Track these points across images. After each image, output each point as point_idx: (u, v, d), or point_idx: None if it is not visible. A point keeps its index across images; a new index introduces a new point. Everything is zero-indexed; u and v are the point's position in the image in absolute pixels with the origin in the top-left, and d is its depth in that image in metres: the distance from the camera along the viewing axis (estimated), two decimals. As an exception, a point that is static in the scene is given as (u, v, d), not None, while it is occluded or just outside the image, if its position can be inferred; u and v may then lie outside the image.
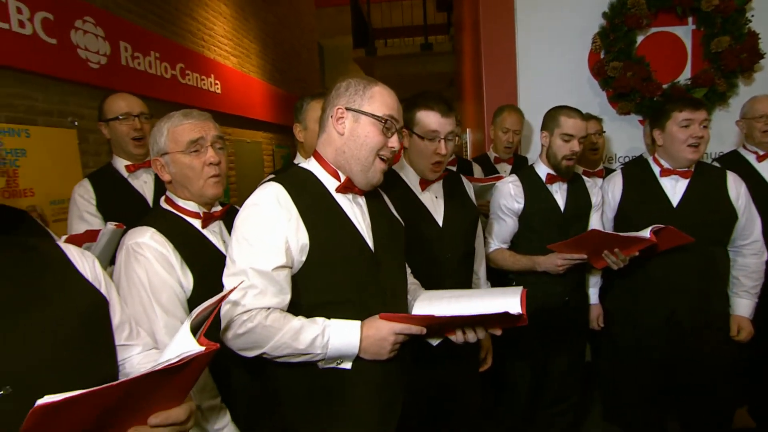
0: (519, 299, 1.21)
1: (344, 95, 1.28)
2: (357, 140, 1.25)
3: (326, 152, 1.31)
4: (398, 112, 1.31)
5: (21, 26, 2.59)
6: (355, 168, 1.27)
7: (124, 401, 0.77)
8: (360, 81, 1.29)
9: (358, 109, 1.25)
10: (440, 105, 1.63)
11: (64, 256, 1.09)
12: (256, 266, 1.15)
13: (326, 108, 1.31)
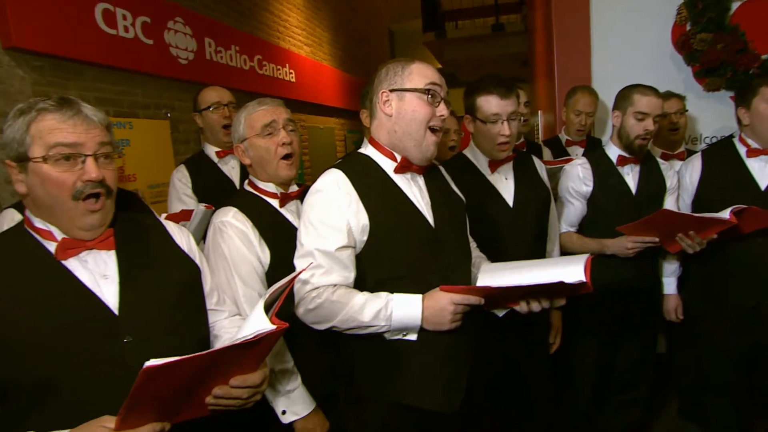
0: (583, 267, 1.22)
1: (385, 79, 1.34)
2: (405, 117, 1.31)
3: (380, 136, 1.38)
4: (440, 79, 1.35)
5: (125, 31, 2.90)
6: (409, 144, 1.33)
7: (210, 366, 0.91)
8: (397, 63, 1.35)
9: (401, 88, 1.31)
10: (498, 87, 1.65)
11: (166, 230, 1.27)
12: (321, 247, 1.25)
13: (372, 96, 1.39)
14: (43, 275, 1.02)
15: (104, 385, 1.00)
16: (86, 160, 1.02)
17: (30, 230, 1.07)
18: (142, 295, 1.09)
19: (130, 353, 1.03)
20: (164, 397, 0.89)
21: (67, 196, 1.01)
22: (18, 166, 1.02)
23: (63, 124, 1.01)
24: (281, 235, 1.50)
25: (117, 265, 1.10)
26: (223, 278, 1.42)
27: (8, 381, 0.96)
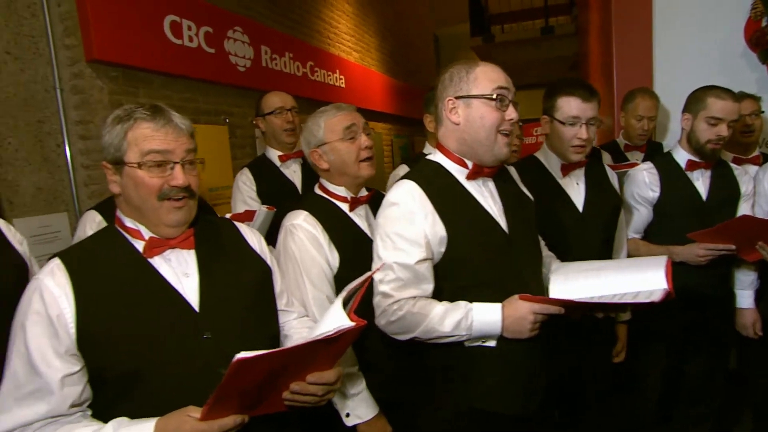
0: (663, 273, 1.18)
1: (450, 86, 1.32)
2: (474, 124, 1.30)
3: (448, 143, 1.37)
4: (507, 80, 1.32)
5: (190, 41, 3.04)
6: (480, 150, 1.32)
7: (291, 362, 0.94)
8: (461, 67, 1.33)
9: (467, 95, 1.29)
10: (581, 90, 1.63)
11: (239, 231, 1.32)
12: (400, 261, 1.26)
13: (438, 102, 1.37)
14: (133, 272, 1.08)
15: (186, 378, 1.04)
16: (174, 167, 1.08)
17: (120, 229, 1.14)
18: (220, 294, 1.14)
19: (209, 349, 1.08)
20: (248, 390, 0.92)
21: (154, 198, 1.07)
22: (113, 168, 1.10)
23: (156, 133, 1.07)
24: (350, 239, 1.53)
25: (197, 264, 1.15)
26: (292, 280, 1.46)
27: (101, 373, 1.02)
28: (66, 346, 0.99)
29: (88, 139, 2.55)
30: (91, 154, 2.56)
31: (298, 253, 1.46)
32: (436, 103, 1.38)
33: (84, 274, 1.04)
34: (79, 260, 1.06)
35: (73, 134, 2.54)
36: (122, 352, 1.01)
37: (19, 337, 0.99)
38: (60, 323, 0.99)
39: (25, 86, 2.32)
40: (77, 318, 1.00)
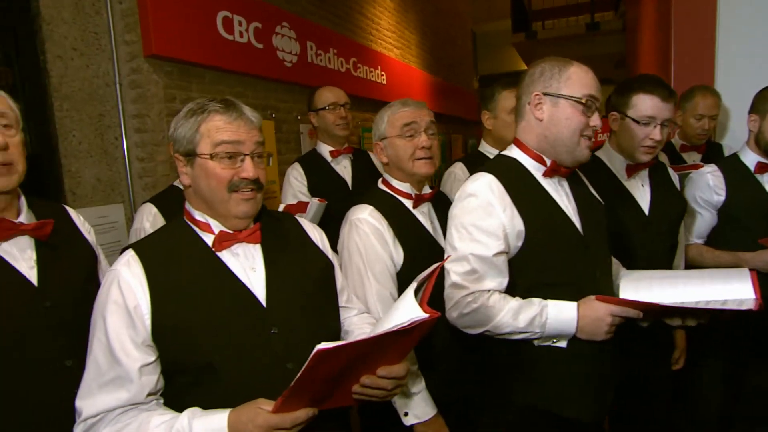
0: (750, 284, 1.12)
1: (539, 80, 1.29)
2: (558, 124, 1.27)
3: (528, 139, 1.35)
4: (597, 89, 1.29)
5: (240, 36, 3.09)
6: (560, 150, 1.30)
7: (365, 353, 0.92)
8: (554, 64, 1.30)
9: (556, 93, 1.27)
10: (660, 89, 1.56)
11: (301, 226, 1.32)
12: (477, 252, 1.25)
13: (522, 95, 1.35)
14: (203, 266, 1.09)
15: (254, 371, 1.05)
16: (245, 159, 1.10)
17: (189, 222, 1.16)
18: (286, 289, 1.14)
19: (276, 344, 1.08)
20: (322, 383, 0.92)
21: (224, 189, 1.08)
22: (185, 160, 1.12)
23: (228, 125, 1.08)
24: (415, 236, 1.51)
25: (263, 259, 1.16)
26: (355, 274, 1.46)
27: (173, 364, 1.04)
28: (142, 337, 1.01)
29: (144, 132, 2.62)
30: (146, 147, 2.64)
31: (362, 247, 1.45)
32: (519, 95, 1.35)
33: (157, 266, 1.06)
34: (152, 253, 1.08)
35: (130, 127, 2.62)
36: (194, 345, 1.02)
37: (99, 327, 1.02)
38: (137, 314, 1.01)
39: (88, 81, 2.41)
40: (152, 310, 1.02)
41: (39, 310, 1.18)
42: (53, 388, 1.16)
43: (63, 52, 2.29)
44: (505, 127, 2.12)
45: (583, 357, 1.26)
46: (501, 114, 2.11)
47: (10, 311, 1.13)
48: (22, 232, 1.21)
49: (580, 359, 1.27)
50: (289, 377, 1.07)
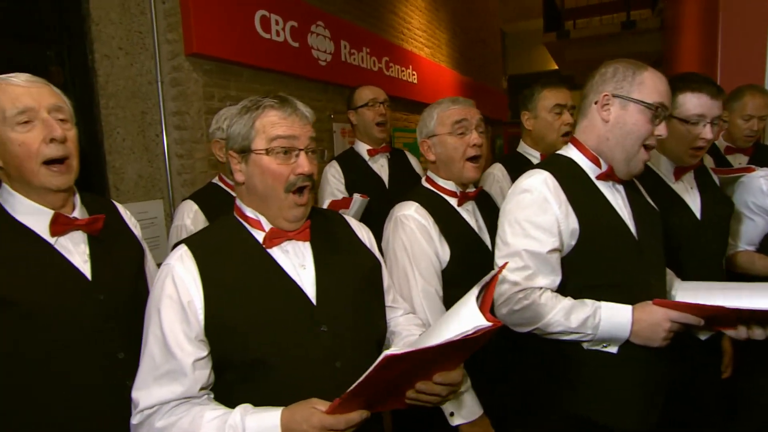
0: None
1: (611, 81, 1.27)
2: (623, 128, 1.25)
3: (587, 139, 1.32)
4: (669, 98, 1.26)
5: (277, 35, 3.12)
6: (618, 156, 1.27)
7: (426, 359, 0.91)
8: (628, 66, 1.27)
9: (627, 96, 1.24)
10: (709, 86, 1.50)
11: (349, 225, 1.32)
12: (530, 248, 1.23)
13: (588, 94, 1.32)
14: (254, 262, 1.10)
15: (303, 369, 1.05)
16: (299, 155, 1.10)
17: (240, 219, 1.16)
18: (335, 287, 1.14)
19: (325, 341, 1.07)
20: (381, 386, 0.91)
21: (280, 187, 1.08)
22: (239, 156, 1.12)
23: (284, 120, 1.09)
24: (460, 233, 1.50)
25: (313, 256, 1.16)
26: (401, 272, 1.45)
27: (225, 360, 1.04)
28: (195, 332, 1.02)
29: (183, 129, 2.67)
30: (185, 144, 2.68)
31: (408, 243, 1.44)
32: (586, 93, 1.32)
33: (209, 262, 1.07)
34: (204, 248, 1.09)
35: (170, 125, 2.67)
36: (246, 341, 1.02)
37: (154, 320, 1.04)
38: (190, 309, 1.02)
39: (132, 79, 2.46)
40: (205, 305, 1.02)
41: (93, 304, 1.20)
42: (107, 380, 1.19)
43: (110, 51, 2.35)
44: (545, 126, 2.09)
45: (635, 363, 1.23)
46: (541, 113, 2.09)
47: (66, 304, 1.16)
48: (76, 227, 1.24)
49: (632, 366, 1.23)
50: (338, 376, 1.08)
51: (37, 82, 1.19)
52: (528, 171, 1.33)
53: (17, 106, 1.12)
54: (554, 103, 2.06)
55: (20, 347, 1.12)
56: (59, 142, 1.17)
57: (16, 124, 1.13)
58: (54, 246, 1.20)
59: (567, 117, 2.09)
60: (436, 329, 0.96)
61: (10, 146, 1.13)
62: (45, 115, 1.16)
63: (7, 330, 1.11)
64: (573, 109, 2.14)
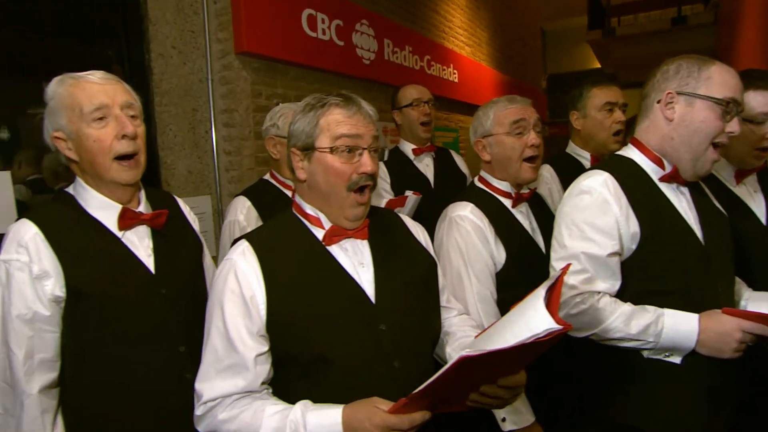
0: None
1: (674, 78, 1.21)
2: (689, 126, 1.19)
3: (649, 139, 1.27)
4: (740, 92, 1.19)
5: (323, 34, 3.14)
6: (685, 156, 1.21)
7: (493, 362, 0.88)
8: (694, 62, 1.21)
9: (693, 93, 1.18)
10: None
11: (405, 224, 1.30)
12: (589, 251, 1.19)
13: (649, 93, 1.27)
14: (314, 260, 1.10)
15: (362, 367, 1.04)
16: (363, 154, 1.09)
17: (299, 215, 1.16)
18: (393, 286, 1.13)
19: (383, 340, 1.07)
20: (449, 388, 0.89)
21: (343, 186, 1.08)
22: (302, 154, 1.12)
23: (348, 119, 1.08)
24: (515, 235, 1.47)
25: (371, 255, 1.15)
26: (454, 273, 1.43)
27: (286, 355, 1.04)
28: (257, 327, 1.03)
29: (232, 126, 2.72)
30: (233, 141, 2.73)
31: (463, 245, 1.43)
32: (647, 93, 1.28)
33: (270, 257, 1.07)
34: (265, 244, 1.10)
35: (219, 122, 2.72)
36: (307, 337, 1.02)
37: (216, 314, 1.05)
38: (253, 304, 1.03)
39: (184, 78, 2.52)
40: (267, 301, 1.03)
41: (156, 297, 1.23)
42: (168, 373, 1.21)
43: (164, 50, 2.41)
44: (595, 125, 2.04)
45: (701, 375, 1.17)
46: (591, 112, 2.04)
47: (132, 298, 1.19)
48: (142, 221, 1.27)
49: (696, 377, 1.17)
50: (396, 375, 1.07)
51: (111, 79, 1.22)
52: (586, 172, 1.29)
53: (93, 103, 1.16)
54: (605, 101, 2.00)
55: (88, 338, 1.15)
56: (130, 139, 1.20)
57: (92, 121, 1.16)
58: (122, 240, 1.23)
59: (618, 115, 2.02)
60: (500, 332, 0.94)
61: (85, 141, 1.17)
62: (118, 112, 1.19)
63: (78, 321, 1.15)
64: (624, 107, 2.08)
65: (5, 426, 1.06)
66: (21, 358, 1.05)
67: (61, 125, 1.18)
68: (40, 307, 1.09)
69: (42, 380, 1.09)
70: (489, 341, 0.93)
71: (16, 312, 1.07)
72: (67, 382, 1.15)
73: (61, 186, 1.98)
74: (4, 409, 1.07)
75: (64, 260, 1.12)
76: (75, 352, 1.15)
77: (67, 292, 1.12)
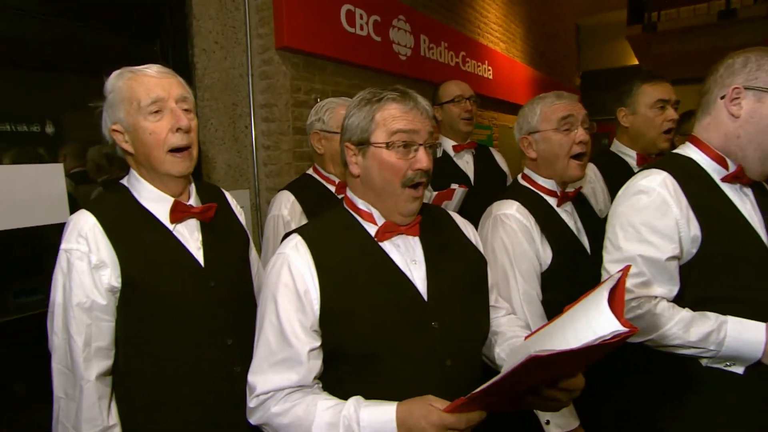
0: None
1: (741, 72, 1.15)
2: (759, 123, 1.13)
3: (711, 137, 1.21)
4: None
5: (361, 29, 3.13)
6: (752, 155, 1.15)
7: (557, 363, 0.85)
8: (763, 54, 1.15)
9: (762, 87, 1.12)
10: None
11: (454, 221, 1.28)
12: (646, 254, 1.16)
13: (712, 89, 1.21)
14: (367, 255, 1.09)
15: (413, 364, 1.03)
16: (419, 149, 1.07)
17: (351, 211, 1.15)
18: (445, 284, 1.11)
19: (435, 338, 1.05)
20: (511, 388, 0.87)
21: (398, 182, 1.06)
22: (356, 149, 1.11)
23: (405, 114, 1.07)
24: (560, 235, 1.43)
25: (423, 252, 1.13)
26: (500, 273, 1.40)
27: (336, 351, 1.04)
28: (311, 322, 1.02)
29: (271, 121, 2.74)
30: (272, 136, 2.75)
31: (509, 244, 1.40)
32: (708, 88, 1.22)
33: (323, 252, 1.07)
34: (317, 239, 1.09)
35: (258, 117, 2.75)
36: (359, 333, 1.02)
37: (270, 308, 1.05)
38: (306, 299, 1.02)
39: (226, 72, 2.55)
40: (321, 296, 1.03)
41: (205, 290, 1.25)
42: (217, 366, 1.23)
43: (207, 45, 2.45)
44: (645, 123, 1.97)
45: (764, 387, 1.11)
46: (641, 109, 1.98)
47: (183, 290, 1.21)
48: (192, 214, 1.29)
49: (759, 389, 1.11)
50: (447, 374, 1.05)
51: (168, 73, 1.24)
52: (642, 171, 1.25)
53: (150, 96, 1.18)
54: (656, 98, 1.93)
55: (140, 329, 1.18)
56: (184, 132, 1.22)
57: (149, 114, 1.18)
58: (173, 232, 1.25)
59: (671, 113, 1.95)
60: (559, 333, 0.91)
61: (141, 134, 1.19)
62: (173, 105, 1.21)
63: (130, 311, 1.17)
64: (677, 105, 2.00)
65: (66, 410, 1.09)
66: (80, 345, 1.08)
67: (119, 118, 1.20)
68: (98, 296, 1.12)
69: (99, 367, 1.11)
70: (547, 342, 0.91)
71: (76, 300, 1.10)
72: (119, 370, 1.17)
73: (104, 178, 2.04)
74: (65, 393, 1.10)
75: (120, 251, 1.15)
76: (127, 343, 1.18)
77: (122, 282, 1.14)
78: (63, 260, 1.13)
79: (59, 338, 1.10)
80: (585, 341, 0.80)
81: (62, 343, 1.10)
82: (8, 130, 1.72)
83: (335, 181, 1.91)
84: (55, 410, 1.10)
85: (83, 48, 1.98)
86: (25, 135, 1.77)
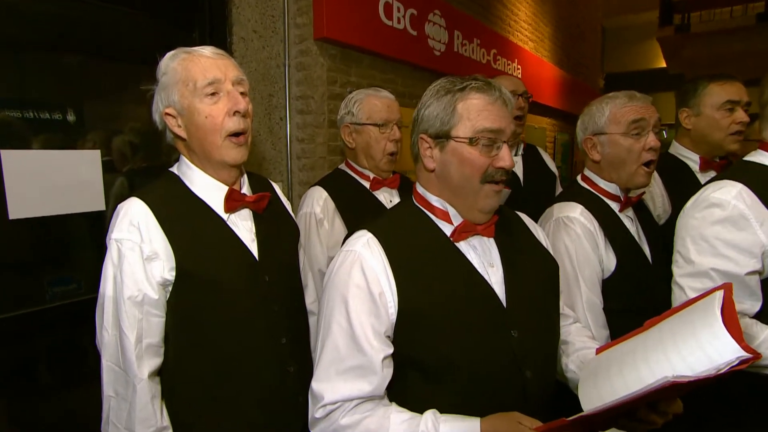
0: None
1: None
2: None
3: None
4: None
5: (398, 23, 3.05)
6: None
7: (677, 388, 0.76)
8: None
9: None
10: None
11: (525, 223, 1.20)
12: (721, 268, 1.10)
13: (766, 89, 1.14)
14: (444, 257, 1.01)
15: (491, 373, 0.96)
16: (501, 147, 0.99)
17: (424, 208, 1.07)
18: (524, 289, 1.03)
19: (513, 347, 0.97)
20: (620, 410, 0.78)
21: (477, 178, 0.99)
22: (433, 142, 1.03)
23: (490, 106, 0.98)
24: (624, 242, 1.35)
25: (500, 255, 1.05)
26: (562, 278, 1.31)
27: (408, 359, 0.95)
28: (385, 327, 0.95)
29: (306, 114, 2.67)
30: (306, 128, 2.68)
31: (573, 248, 1.31)
32: (763, 89, 1.14)
33: (398, 252, 0.99)
34: (390, 237, 1.01)
35: (293, 108, 2.68)
36: (438, 340, 0.94)
37: (339, 310, 0.96)
38: (381, 302, 0.94)
39: (263, 62, 2.49)
40: (399, 299, 0.94)
41: (260, 285, 1.17)
42: (271, 365, 1.16)
43: (246, 34, 2.38)
44: (710, 125, 1.86)
45: None
46: (706, 111, 1.86)
47: (237, 284, 1.14)
48: (246, 204, 1.22)
49: None
50: (528, 387, 0.96)
51: (223, 55, 1.17)
52: (715, 182, 1.18)
53: (207, 77, 1.11)
54: (725, 99, 1.82)
55: (192, 325, 1.11)
56: (242, 116, 1.15)
57: (205, 96, 1.11)
58: (227, 222, 1.17)
59: (741, 115, 1.84)
60: (659, 353, 0.81)
61: (196, 117, 1.12)
62: (230, 87, 1.14)
63: (182, 306, 1.10)
64: (747, 106, 1.89)
65: (118, 410, 1.02)
66: (133, 341, 1.01)
67: (173, 100, 1.13)
68: (149, 289, 1.05)
69: (150, 365, 1.05)
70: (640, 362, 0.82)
71: (128, 293, 1.03)
72: (169, 368, 1.10)
73: (129, 168, 1.97)
74: (115, 392, 1.03)
75: (174, 241, 1.08)
76: (177, 339, 1.10)
77: (176, 275, 1.07)
78: (114, 250, 1.06)
79: (110, 334, 1.03)
80: (709, 366, 0.71)
81: (113, 340, 1.03)
82: (43, 117, 1.66)
83: (369, 176, 1.83)
84: (105, 410, 1.04)
85: (121, 35, 1.92)
86: (54, 123, 1.70)
